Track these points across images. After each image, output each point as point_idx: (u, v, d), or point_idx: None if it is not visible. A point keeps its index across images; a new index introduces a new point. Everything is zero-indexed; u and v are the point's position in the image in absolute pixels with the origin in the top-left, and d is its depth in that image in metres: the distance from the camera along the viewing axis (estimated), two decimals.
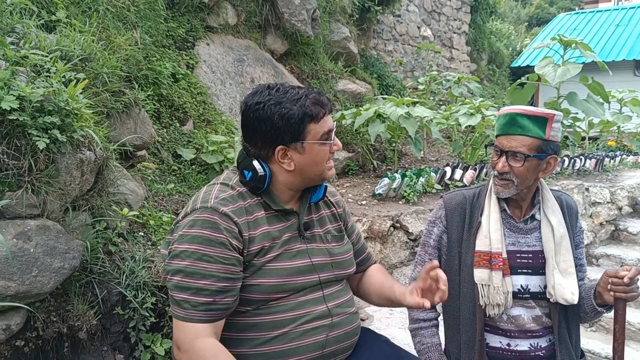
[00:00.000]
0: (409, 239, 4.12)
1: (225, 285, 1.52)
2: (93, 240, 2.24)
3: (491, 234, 1.93)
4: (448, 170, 4.98)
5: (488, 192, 2.01)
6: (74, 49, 2.59)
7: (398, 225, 4.06)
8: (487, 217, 1.96)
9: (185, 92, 4.30)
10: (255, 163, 1.62)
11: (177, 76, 4.31)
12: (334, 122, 1.70)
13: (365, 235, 3.78)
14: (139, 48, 3.68)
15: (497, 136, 1.93)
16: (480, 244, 1.95)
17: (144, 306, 2.18)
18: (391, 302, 1.87)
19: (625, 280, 1.77)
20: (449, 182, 4.95)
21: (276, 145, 1.61)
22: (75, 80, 2.24)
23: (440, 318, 2.15)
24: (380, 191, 4.43)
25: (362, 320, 3.35)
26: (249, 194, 1.64)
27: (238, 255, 1.55)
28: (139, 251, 2.38)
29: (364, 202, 4.32)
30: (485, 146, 2.18)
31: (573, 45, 6.07)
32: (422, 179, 4.69)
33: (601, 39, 14.35)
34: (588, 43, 11.47)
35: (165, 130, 3.95)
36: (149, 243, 2.55)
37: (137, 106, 2.90)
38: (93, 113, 2.32)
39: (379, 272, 1.97)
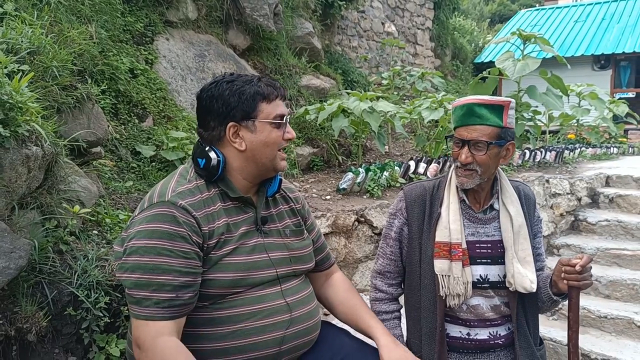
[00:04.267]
0: (373, 233, 4.12)
1: (187, 280, 1.49)
2: (42, 239, 2.15)
3: (450, 224, 1.93)
4: (412, 164, 5.00)
5: (447, 183, 2.01)
6: (21, 41, 2.49)
7: (362, 219, 4.05)
8: (447, 208, 1.96)
9: (144, 87, 4.19)
10: (209, 150, 1.63)
11: (135, 72, 4.19)
12: (290, 113, 1.70)
13: (329, 230, 3.76)
14: (94, 42, 3.57)
15: (455, 128, 1.92)
16: (440, 235, 1.94)
17: (97, 306, 2.10)
18: (361, 332, 1.90)
19: (577, 268, 1.79)
20: (413, 175, 4.96)
21: (227, 122, 1.62)
22: (20, 73, 2.14)
23: (402, 310, 2.14)
24: (344, 186, 4.41)
25: (325, 314, 3.33)
26: (206, 187, 1.63)
27: (198, 250, 1.53)
28: (92, 250, 2.30)
29: (328, 197, 4.30)
30: (445, 138, 2.18)
31: (532, 40, 6.17)
32: (386, 173, 4.70)
33: (561, 34, 14.73)
34: (548, 38, 11.73)
35: (123, 126, 3.83)
36: (104, 241, 2.47)
37: (90, 101, 2.80)
38: (42, 108, 2.23)
39: (349, 293, 1.94)
